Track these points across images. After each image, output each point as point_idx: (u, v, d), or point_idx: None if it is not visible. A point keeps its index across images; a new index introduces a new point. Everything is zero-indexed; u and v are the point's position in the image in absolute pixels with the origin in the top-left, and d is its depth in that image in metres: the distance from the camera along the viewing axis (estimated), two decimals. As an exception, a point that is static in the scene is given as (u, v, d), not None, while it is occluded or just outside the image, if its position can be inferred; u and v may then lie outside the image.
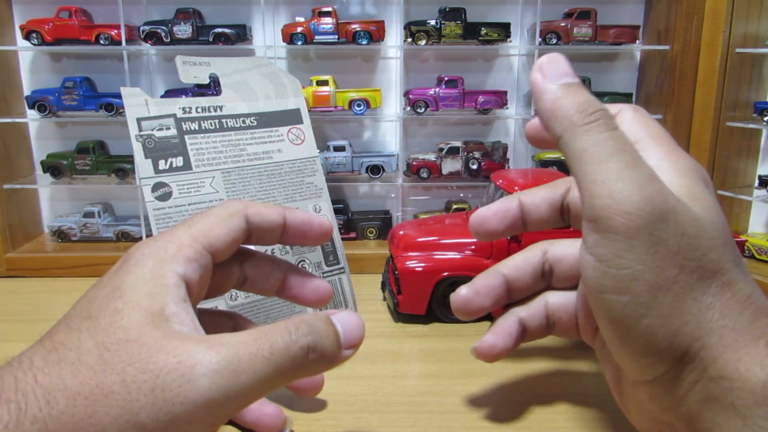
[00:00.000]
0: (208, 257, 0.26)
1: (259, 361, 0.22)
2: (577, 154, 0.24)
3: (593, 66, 0.74)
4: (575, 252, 0.32)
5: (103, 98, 0.67)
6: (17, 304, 0.56)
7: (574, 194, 0.33)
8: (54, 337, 0.23)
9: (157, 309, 0.23)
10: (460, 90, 0.70)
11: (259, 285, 0.31)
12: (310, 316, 0.25)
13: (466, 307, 0.33)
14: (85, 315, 0.23)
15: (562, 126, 0.25)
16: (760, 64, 0.67)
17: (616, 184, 0.23)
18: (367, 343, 0.34)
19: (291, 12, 0.70)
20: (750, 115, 0.66)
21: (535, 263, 0.34)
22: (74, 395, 0.21)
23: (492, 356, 0.33)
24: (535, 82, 0.27)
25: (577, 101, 0.25)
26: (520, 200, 0.33)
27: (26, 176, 0.70)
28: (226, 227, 0.27)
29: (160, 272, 0.24)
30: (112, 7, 0.64)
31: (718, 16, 0.62)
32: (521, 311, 0.34)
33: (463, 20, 0.68)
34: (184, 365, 0.21)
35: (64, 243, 0.69)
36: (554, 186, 0.33)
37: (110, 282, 0.24)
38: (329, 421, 0.37)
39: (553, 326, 0.34)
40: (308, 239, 0.30)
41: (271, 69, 0.53)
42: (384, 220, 0.72)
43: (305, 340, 0.23)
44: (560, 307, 0.33)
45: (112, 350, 0.21)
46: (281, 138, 0.52)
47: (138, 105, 0.46)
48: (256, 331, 0.23)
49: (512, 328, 0.33)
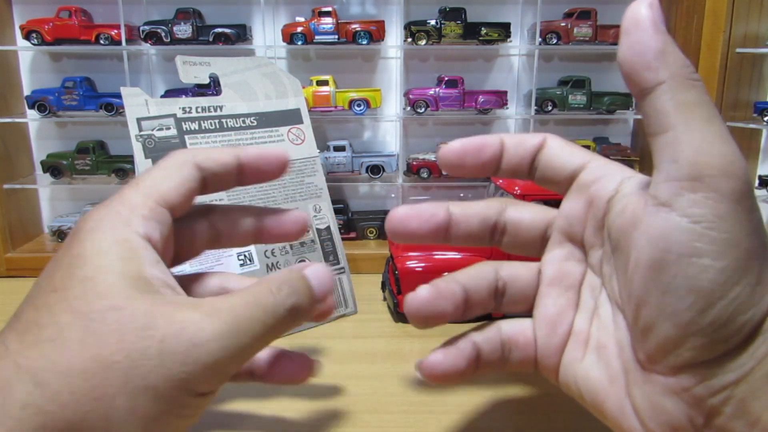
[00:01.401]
0: (165, 213, 0.26)
1: (254, 323, 0.23)
2: (685, 105, 0.23)
3: (593, 66, 0.74)
4: (528, 273, 0.31)
5: (103, 98, 0.67)
6: (17, 304, 0.56)
7: (511, 215, 0.31)
8: (21, 318, 0.22)
9: (134, 272, 0.22)
10: (460, 90, 0.70)
11: (234, 238, 0.30)
12: (285, 272, 0.26)
13: (426, 308, 0.29)
14: (50, 289, 0.22)
15: (671, 71, 0.23)
16: (760, 64, 0.67)
17: (727, 146, 0.22)
18: (367, 343, 0.34)
19: (291, 12, 0.70)
20: (750, 115, 0.66)
21: (490, 279, 0.31)
22: (67, 372, 0.20)
23: (436, 375, 0.29)
24: (644, 17, 0.24)
25: (682, 54, 0.24)
26: (449, 209, 0.31)
27: (26, 176, 0.70)
28: (177, 178, 0.26)
29: (122, 235, 0.23)
30: (112, 7, 0.64)
31: (718, 16, 0.62)
32: (475, 335, 0.30)
33: (463, 20, 0.68)
34: (188, 331, 0.21)
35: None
36: (488, 203, 0.31)
37: (67, 252, 0.23)
38: (329, 421, 0.37)
39: (509, 354, 0.30)
40: (267, 174, 0.29)
41: (271, 69, 0.53)
42: (384, 220, 0.71)
43: (290, 301, 0.25)
44: (516, 334, 0.30)
45: (98, 320, 0.21)
46: (281, 138, 0.52)
47: (138, 105, 0.46)
48: (244, 294, 0.24)
49: (465, 347, 0.30)
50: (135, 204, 0.25)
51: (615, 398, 0.27)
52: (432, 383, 0.30)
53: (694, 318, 0.23)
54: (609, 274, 0.27)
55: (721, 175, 0.22)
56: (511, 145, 0.30)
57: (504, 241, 0.32)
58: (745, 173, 0.22)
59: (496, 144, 0.30)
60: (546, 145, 0.30)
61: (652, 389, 0.25)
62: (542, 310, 0.30)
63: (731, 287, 0.22)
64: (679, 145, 0.23)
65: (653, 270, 0.23)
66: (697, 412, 0.23)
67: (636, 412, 0.26)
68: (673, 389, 0.24)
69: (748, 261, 0.22)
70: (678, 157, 0.23)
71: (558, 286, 0.30)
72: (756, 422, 0.22)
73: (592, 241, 0.29)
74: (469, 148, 0.30)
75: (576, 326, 0.29)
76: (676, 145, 0.23)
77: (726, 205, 0.22)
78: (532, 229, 0.31)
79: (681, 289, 0.23)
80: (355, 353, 0.46)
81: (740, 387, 0.23)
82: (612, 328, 0.27)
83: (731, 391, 0.23)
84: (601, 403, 0.27)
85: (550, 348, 0.30)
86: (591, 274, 0.29)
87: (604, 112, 0.71)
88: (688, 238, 0.22)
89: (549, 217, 0.31)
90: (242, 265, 0.48)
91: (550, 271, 0.30)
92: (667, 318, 0.23)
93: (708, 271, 0.22)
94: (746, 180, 0.22)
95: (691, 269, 0.22)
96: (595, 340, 0.28)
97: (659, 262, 0.23)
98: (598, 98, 0.71)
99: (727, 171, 0.22)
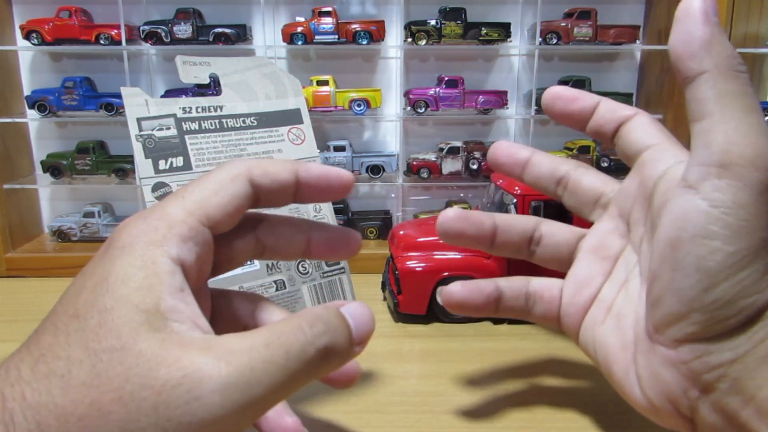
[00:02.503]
0: (206, 233, 0.23)
1: (274, 369, 0.20)
2: (724, 95, 0.24)
3: (593, 66, 0.74)
4: (567, 233, 0.34)
5: (103, 98, 0.67)
6: (17, 304, 0.56)
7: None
8: (41, 341, 0.20)
9: (151, 305, 0.20)
10: (461, 90, 0.70)
11: (282, 251, 0.28)
12: (321, 309, 0.23)
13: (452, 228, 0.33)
14: (72, 312, 0.21)
15: (715, 62, 0.24)
16: (760, 64, 0.67)
17: (759, 138, 0.23)
18: (368, 344, 0.34)
19: (291, 12, 0.70)
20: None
21: (527, 228, 0.34)
22: (66, 416, 0.19)
23: (451, 303, 0.34)
24: (695, 7, 0.24)
25: (730, 45, 0.24)
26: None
27: (26, 176, 0.70)
28: (227, 195, 0.24)
29: (151, 258, 0.21)
30: (112, 7, 0.64)
31: (719, 16, 0.62)
32: (501, 281, 0.34)
33: (463, 20, 0.68)
34: (191, 379, 0.19)
35: (64, 243, 0.69)
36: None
37: (96, 270, 0.22)
38: (329, 421, 0.37)
39: (533, 306, 0.34)
40: (328, 195, 0.27)
41: (271, 69, 0.53)
42: (384, 220, 0.72)
43: (322, 341, 0.22)
44: (542, 289, 0.34)
45: (105, 360, 0.19)
46: (281, 138, 0.52)
47: (138, 105, 0.46)
48: (267, 333, 0.21)
49: (486, 286, 0.33)
50: (175, 220, 0.23)
51: (622, 364, 0.28)
52: (449, 309, 0.34)
53: (698, 295, 0.24)
54: (646, 251, 0.29)
55: (749, 165, 0.23)
56: (604, 110, 0.32)
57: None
58: None
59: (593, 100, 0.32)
60: (633, 119, 0.31)
61: (654, 359, 0.26)
62: (574, 272, 0.33)
63: (737, 271, 0.23)
64: (713, 132, 0.24)
65: (669, 247, 0.25)
66: (692, 385, 0.25)
67: (638, 379, 0.27)
68: (673, 361, 0.25)
69: (760, 250, 0.23)
70: (710, 143, 0.24)
71: (596, 255, 0.32)
72: (749, 400, 0.23)
73: (637, 219, 0.30)
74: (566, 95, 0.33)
75: (603, 293, 0.31)
76: (711, 132, 0.24)
77: (748, 195, 0.23)
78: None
79: (689, 267, 0.24)
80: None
81: (735, 366, 0.24)
82: (636, 302, 0.29)
83: (726, 369, 0.24)
84: (610, 366, 0.29)
85: (574, 307, 0.32)
86: (630, 251, 0.31)
87: (604, 112, 0.71)
88: (704, 220, 0.23)
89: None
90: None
91: (592, 240, 0.33)
92: (674, 292, 0.24)
93: (717, 254, 0.23)
94: None
95: (702, 249, 0.23)
96: (618, 308, 0.30)
97: (675, 239, 0.24)
98: (598, 98, 0.71)
99: (755, 162, 0.23)
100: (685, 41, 0.25)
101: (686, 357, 0.25)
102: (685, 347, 0.25)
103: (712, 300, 0.23)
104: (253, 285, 0.48)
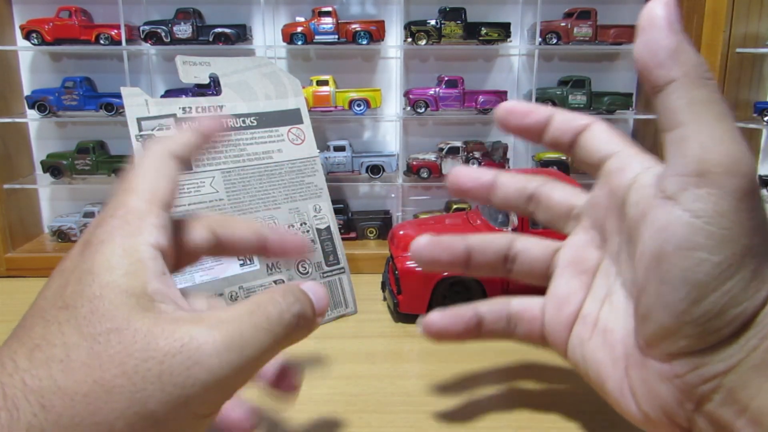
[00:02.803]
0: (167, 217, 0.25)
1: (260, 333, 0.23)
2: (696, 103, 0.24)
3: (593, 66, 0.74)
4: (543, 248, 0.33)
5: (103, 98, 0.67)
6: (17, 304, 0.56)
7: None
8: (32, 333, 0.21)
9: (138, 289, 0.22)
10: (460, 90, 0.70)
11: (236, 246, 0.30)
12: (285, 286, 0.26)
13: (426, 253, 0.33)
14: (60, 305, 0.22)
15: (683, 70, 0.24)
16: (760, 64, 0.67)
17: (734, 144, 0.23)
18: (367, 343, 0.34)
19: (291, 12, 0.70)
20: (750, 115, 0.66)
21: (501, 245, 0.34)
22: (71, 395, 0.20)
23: (431, 332, 0.33)
24: (659, 16, 0.24)
25: (696, 53, 0.24)
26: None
27: (26, 176, 0.70)
28: (167, 177, 0.26)
29: (132, 247, 0.23)
30: (112, 7, 0.64)
31: (718, 16, 0.62)
32: (481, 305, 0.34)
33: (463, 20, 0.68)
34: (188, 347, 0.21)
35: (64, 243, 0.69)
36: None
37: (77, 266, 0.23)
38: (329, 421, 0.37)
39: (515, 327, 0.33)
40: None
41: (271, 69, 0.53)
42: (384, 220, 0.72)
43: (295, 308, 0.25)
44: (523, 309, 0.33)
45: (102, 342, 0.20)
46: (281, 138, 0.52)
47: (138, 105, 0.46)
48: (248, 304, 0.24)
49: (466, 312, 0.33)
50: (142, 211, 0.24)
51: (615, 379, 0.28)
52: (429, 339, 0.34)
53: (688, 308, 0.23)
54: (625, 262, 0.28)
55: (726, 172, 0.23)
56: (558, 121, 0.32)
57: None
58: (750, 171, 0.23)
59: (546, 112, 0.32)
60: (590, 128, 0.31)
61: (648, 374, 0.26)
62: (553, 290, 0.32)
63: (725, 281, 0.23)
64: (688, 141, 0.23)
65: (654, 260, 0.24)
66: (688, 398, 0.25)
67: (633, 394, 0.27)
68: (667, 375, 0.25)
69: (745, 257, 0.23)
70: (686, 153, 0.23)
71: (573, 269, 0.32)
72: (744, 410, 0.23)
73: (611, 229, 0.30)
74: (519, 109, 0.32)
75: (585, 309, 0.30)
76: (685, 141, 0.24)
77: (728, 202, 0.23)
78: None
79: (677, 280, 0.24)
80: (355, 353, 0.46)
81: (729, 377, 0.23)
82: (622, 315, 0.28)
83: (721, 380, 0.24)
84: (603, 382, 0.29)
85: (557, 325, 0.31)
86: (608, 262, 0.30)
87: (604, 112, 0.71)
88: (688, 232, 0.23)
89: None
90: (242, 265, 0.48)
91: (568, 254, 0.32)
92: (663, 307, 0.24)
93: (703, 265, 0.23)
94: (751, 178, 0.23)
95: (687, 262, 0.23)
96: (604, 323, 0.29)
97: (659, 252, 0.24)
98: (598, 98, 0.71)
99: (732, 169, 0.23)
100: (652, 50, 0.24)
101: (680, 371, 0.24)
102: (679, 361, 0.24)
103: (703, 312, 0.23)
104: (253, 285, 0.48)
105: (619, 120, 0.76)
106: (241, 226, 0.29)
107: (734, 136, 0.23)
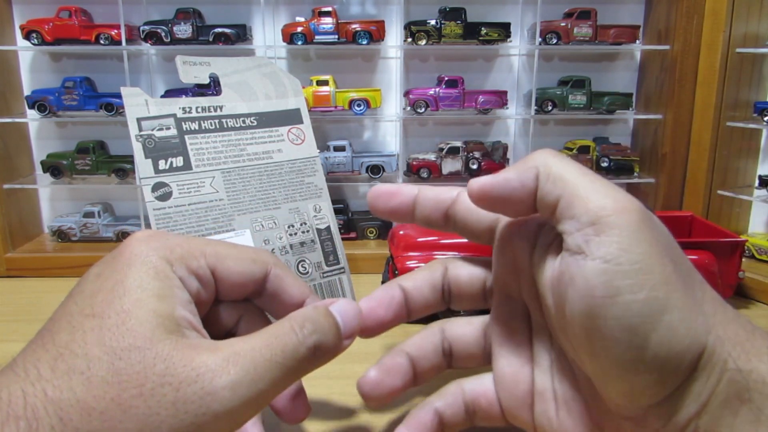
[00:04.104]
0: (211, 280, 0.26)
1: (274, 367, 0.23)
2: (558, 177, 0.25)
3: (593, 66, 0.74)
4: (473, 330, 0.32)
5: (103, 98, 0.67)
6: (17, 304, 0.56)
7: (453, 272, 0.33)
8: (56, 339, 0.22)
9: (167, 312, 0.23)
10: (460, 90, 0.70)
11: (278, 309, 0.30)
12: (310, 310, 0.26)
13: (377, 390, 0.31)
14: (89, 312, 0.22)
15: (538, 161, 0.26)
16: (760, 64, 0.67)
17: (606, 189, 0.24)
18: (367, 343, 0.34)
19: (291, 12, 0.70)
20: (750, 115, 0.66)
21: (436, 342, 0.32)
22: (89, 410, 0.20)
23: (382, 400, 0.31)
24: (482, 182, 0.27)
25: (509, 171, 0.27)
26: (401, 286, 0.32)
27: (26, 176, 0.70)
28: (243, 267, 0.27)
29: (164, 272, 0.24)
30: (112, 7, 0.64)
31: (718, 16, 0.62)
32: (436, 400, 0.31)
33: (463, 20, 0.68)
34: (204, 378, 0.21)
35: (64, 243, 0.69)
36: (431, 268, 0.33)
37: (111, 275, 0.24)
38: (329, 421, 0.37)
39: (474, 415, 0.31)
40: None
41: (271, 69, 0.53)
42: (384, 221, 0.72)
43: (311, 340, 0.25)
44: (478, 396, 0.31)
45: (124, 359, 0.21)
46: (281, 138, 0.52)
47: (138, 105, 0.46)
48: (264, 335, 0.24)
49: (426, 418, 0.31)
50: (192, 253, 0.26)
51: None
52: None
53: (637, 355, 0.23)
54: (557, 327, 0.27)
55: (615, 212, 0.23)
56: (424, 199, 0.31)
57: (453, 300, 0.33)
58: (638, 206, 0.24)
59: (411, 192, 0.32)
60: (459, 200, 0.31)
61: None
62: (498, 372, 0.31)
63: (660, 315, 0.22)
64: (572, 205, 0.24)
65: (587, 318, 0.24)
66: None
67: None
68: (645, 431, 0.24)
69: (666, 286, 0.23)
70: (574, 214, 0.24)
71: (509, 346, 0.30)
72: None
73: (529, 297, 0.29)
74: (384, 191, 0.32)
75: (538, 383, 0.29)
76: (570, 206, 0.24)
77: (627, 237, 0.23)
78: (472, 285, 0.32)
79: (615, 330, 0.23)
80: (355, 353, 0.45)
81: (703, 418, 0.23)
82: (574, 381, 0.28)
83: (696, 423, 0.23)
84: None
85: (516, 408, 0.30)
86: (539, 328, 0.30)
87: (604, 112, 0.71)
88: (605, 279, 0.23)
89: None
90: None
91: (497, 331, 0.31)
92: (613, 363, 0.23)
93: (632, 306, 0.23)
94: (641, 211, 0.23)
95: (617, 309, 0.23)
96: (561, 395, 0.28)
97: (588, 309, 0.23)
98: (598, 98, 0.71)
99: (619, 207, 0.23)
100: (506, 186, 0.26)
101: (656, 424, 0.24)
102: (652, 414, 0.24)
103: (653, 354, 0.23)
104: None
105: (618, 120, 0.76)
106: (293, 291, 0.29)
107: (602, 182, 0.24)
